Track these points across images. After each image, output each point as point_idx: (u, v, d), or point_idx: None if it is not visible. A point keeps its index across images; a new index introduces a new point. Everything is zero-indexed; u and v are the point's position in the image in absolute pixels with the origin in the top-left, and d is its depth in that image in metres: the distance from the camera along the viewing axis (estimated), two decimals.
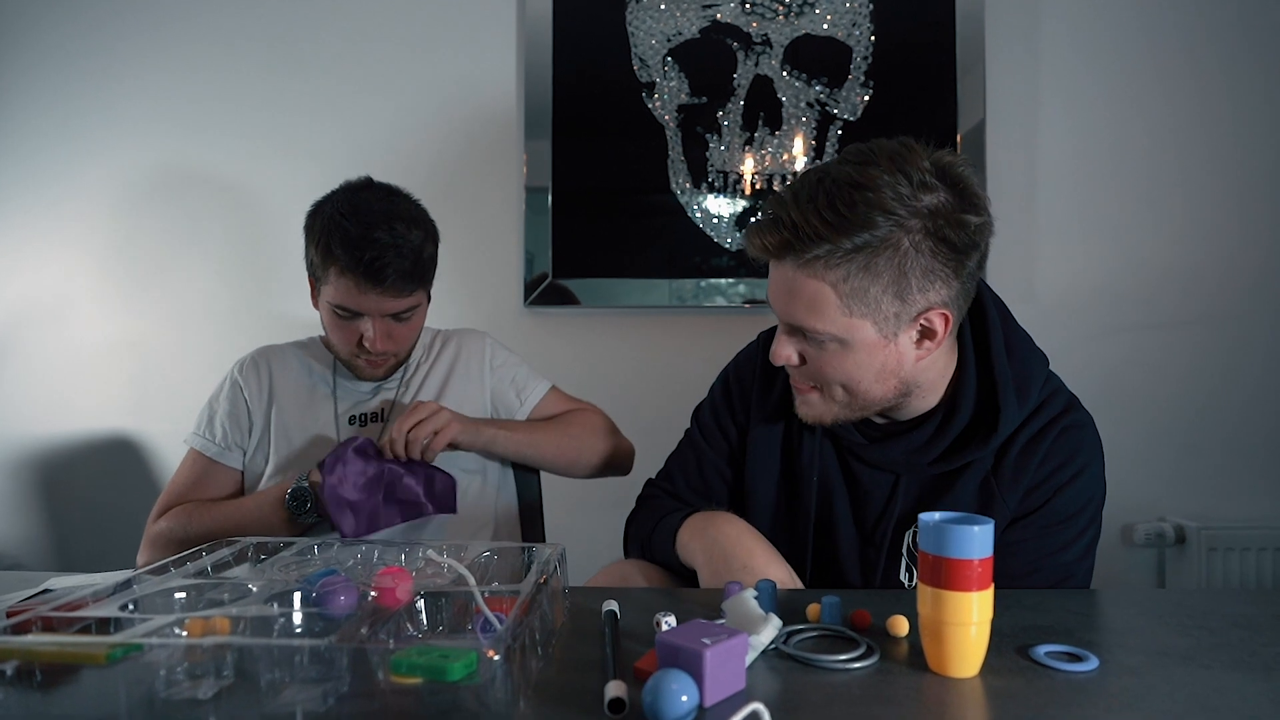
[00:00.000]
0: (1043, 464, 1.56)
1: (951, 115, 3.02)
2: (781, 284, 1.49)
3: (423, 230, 2.06)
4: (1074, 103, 3.08)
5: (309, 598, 1.13)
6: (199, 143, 3.18)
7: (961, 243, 1.42)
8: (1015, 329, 1.65)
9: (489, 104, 3.12)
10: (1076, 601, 1.40)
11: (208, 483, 2.16)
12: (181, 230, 3.18)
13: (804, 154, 3.03)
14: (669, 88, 3.06)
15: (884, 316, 1.46)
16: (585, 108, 3.07)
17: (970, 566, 1.05)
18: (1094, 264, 3.08)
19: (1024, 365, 1.60)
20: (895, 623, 1.21)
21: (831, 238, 1.39)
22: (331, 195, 2.08)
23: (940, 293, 1.46)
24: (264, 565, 1.36)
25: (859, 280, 1.42)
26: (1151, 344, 3.08)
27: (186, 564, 1.28)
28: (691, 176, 3.05)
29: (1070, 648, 1.14)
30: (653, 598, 1.41)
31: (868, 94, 3.04)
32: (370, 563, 1.35)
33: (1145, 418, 3.08)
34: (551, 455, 2.21)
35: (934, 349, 1.52)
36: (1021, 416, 1.57)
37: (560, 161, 3.07)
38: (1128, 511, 3.07)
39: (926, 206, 1.40)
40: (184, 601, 1.15)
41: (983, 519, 1.07)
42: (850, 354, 1.50)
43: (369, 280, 1.96)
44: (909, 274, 1.42)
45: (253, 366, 2.24)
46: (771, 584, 1.29)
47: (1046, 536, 1.55)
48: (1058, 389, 1.63)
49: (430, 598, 1.14)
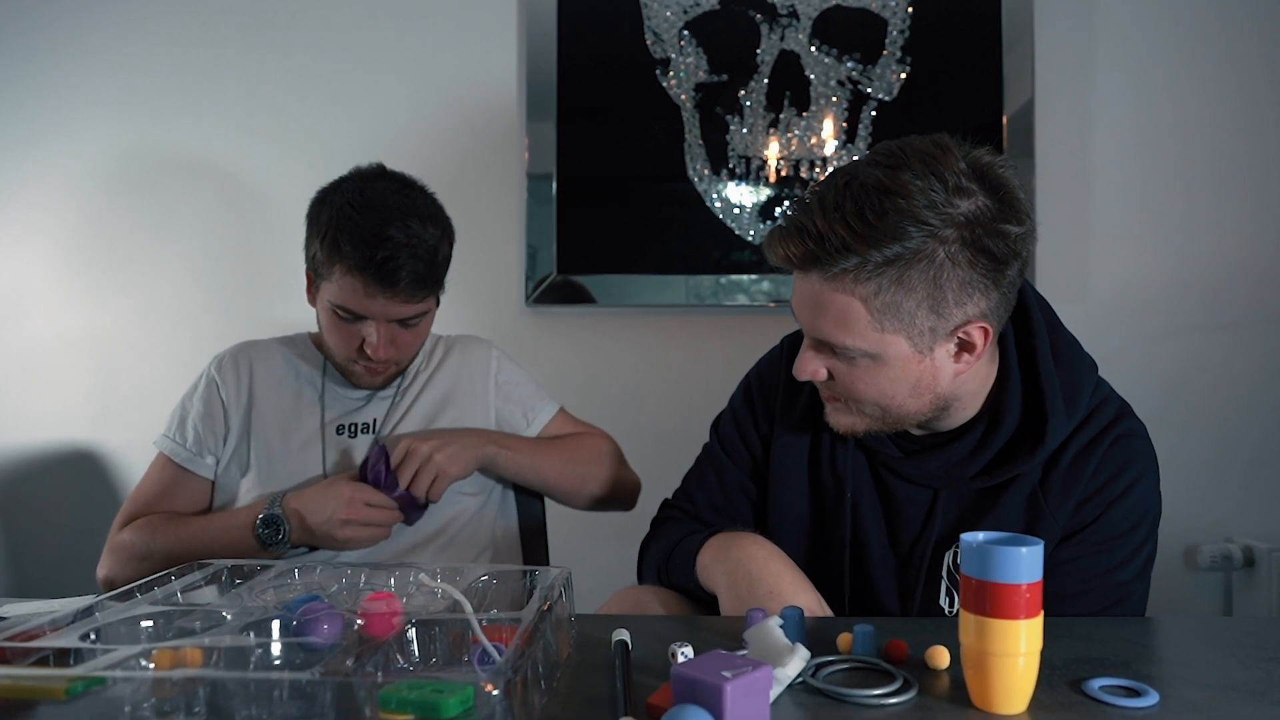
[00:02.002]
0: (1094, 476, 1.56)
1: (996, 95, 3.02)
2: (807, 297, 1.50)
3: (439, 228, 2.05)
4: (1132, 80, 3.07)
5: (289, 626, 1.13)
6: (172, 124, 3.18)
7: (1001, 253, 1.42)
8: (1062, 333, 1.66)
9: (487, 82, 3.12)
10: (1134, 630, 1.39)
11: (176, 491, 2.14)
12: (151, 220, 3.19)
13: (834, 137, 3.03)
14: (686, 64, 3.06)
15: (919, 331, 1.46)
16: (593, 86, 3.07)
17: (1018, 592, 1.05)
18: (1154, 259, 3.07)
19: (1072, 372, 1.60)
20: (935, 654, 1.21)
21: (860, 250, 1.39)
22: (340, 183, 2.06)
23: (979, 305, 1.46)
24: (239, 590, 1.36)
25: (891, 294, 1.42)
26: (1217, 347, 3.06)
27: (154, 589, 1.28)
28: (710, 162, 3.05)
29: (1127, 681, 1.13)
30: (667, 626, 1.41)
31: (904, 71, 3.04)
32: (356, 587, 1.35)
33: (1210, 428, 3.06)
34: (554, 480, 2.20)
35: (974, 362, 1.52)
36: (1071, 426, 1.57)
37: (565, 146, 3.07)
38: (1191, 532, 3.05)
39: (963, 214, 1.40)
40: (151, 630, 1.15)
41: (1031, 539, 1.07)
42: (883, 369, 1.50)
43: (379, 282, 1.95)
44: (945, 286, 1.42)
45: (232, 364, 2.22)
46: (798, 611, 1.28)
47: (1099, 554, 1.55)
48: (1108, 396, 1.64)
49: (423, 626, 1.14)
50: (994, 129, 3.00)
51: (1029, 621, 1.05)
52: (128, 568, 2.03)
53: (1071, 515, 1.56)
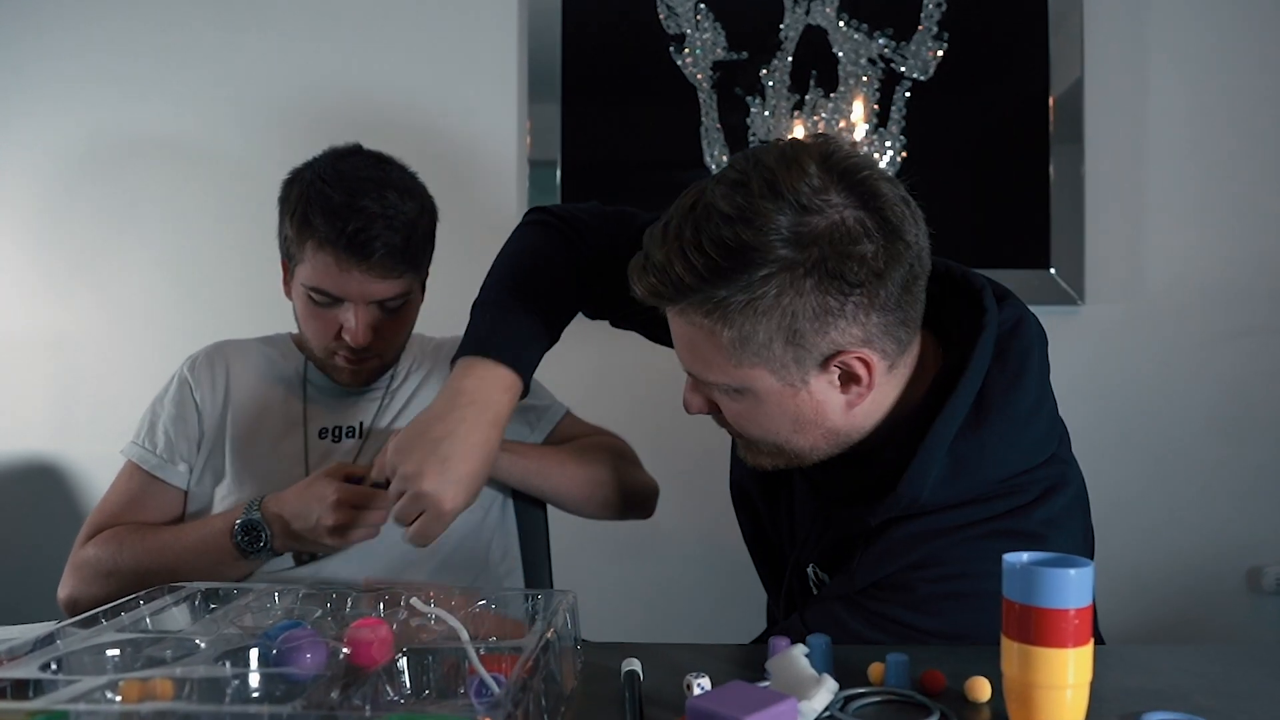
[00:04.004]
0: (918, 566, 1.51)
1: (1042, 74, 3.02)
2: (673, 330, 1.50)
3: (417, 203, 2.06)
4: (1189, 58, 3.07)
5: (268, 655, 1.13)
6: (141, 105, 3.18)
7: (856, 276, 1.36)
8: (1018, 392, 1.52)
9: (483, 59, 3.13)
10: (1194, 659, 1.39)
11: (146, 502, 2.14)
12: (118, 210, 3.19)
13: (864, 120, 3.03)
14: (702, 40, 3.06)
15: (780, 364, 1.43)
16: (601, 65, 3.08)
17: (1065, 618, 1.04)
18: (1211, 253, 3.07)
19: (990, 441, 1.50)
20: (975, 685, 1.21)
21: (701, 286, 1.38)
22: (312, 162, 2.08)
23: (848, 333, 1.40)
24: (214, 615, 1.36)
25: (741, 327, 1.39)
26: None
27: (120, 614, 1.28)
28: (729, 148, 3.05)
29: (1186, 715, 1.13)
30: (682, 656, 1.41)
31: (941, 48, 3.04)
32: (342, 613, 1.35)
33: (1273, 437, 3.05)
34: (566, 487, 2.19)
35: (867, 394, 1.47)
36: (940, 498, 1.49)
37: (571, 130, 3.08)
38: (1255, 552, 3.02)
39: (814, 234, 1.34)
40: (118, 660, 1.15)
41: (1081, 560, 1.06)
42: (757, 404, 1.49)
43: (352, 254, 1.95)
44: (798, 315, 1.37)
45: (207, 364, 2.22)
46: (826, 640, 1.28)
47: (847, 608, 1.54)
48: (1040, 481, 1.53)
49: (414, 655, 1.14)
50: (1039, 111, 3.00)
51: (1078, 650, 1.05)
52: (93, 585, 2.02)
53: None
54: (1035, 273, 3.00)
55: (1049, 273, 2.99)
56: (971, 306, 1.54)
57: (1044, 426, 1.55)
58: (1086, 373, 3.01)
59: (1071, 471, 1.57)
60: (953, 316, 1.56)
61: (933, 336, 1.57)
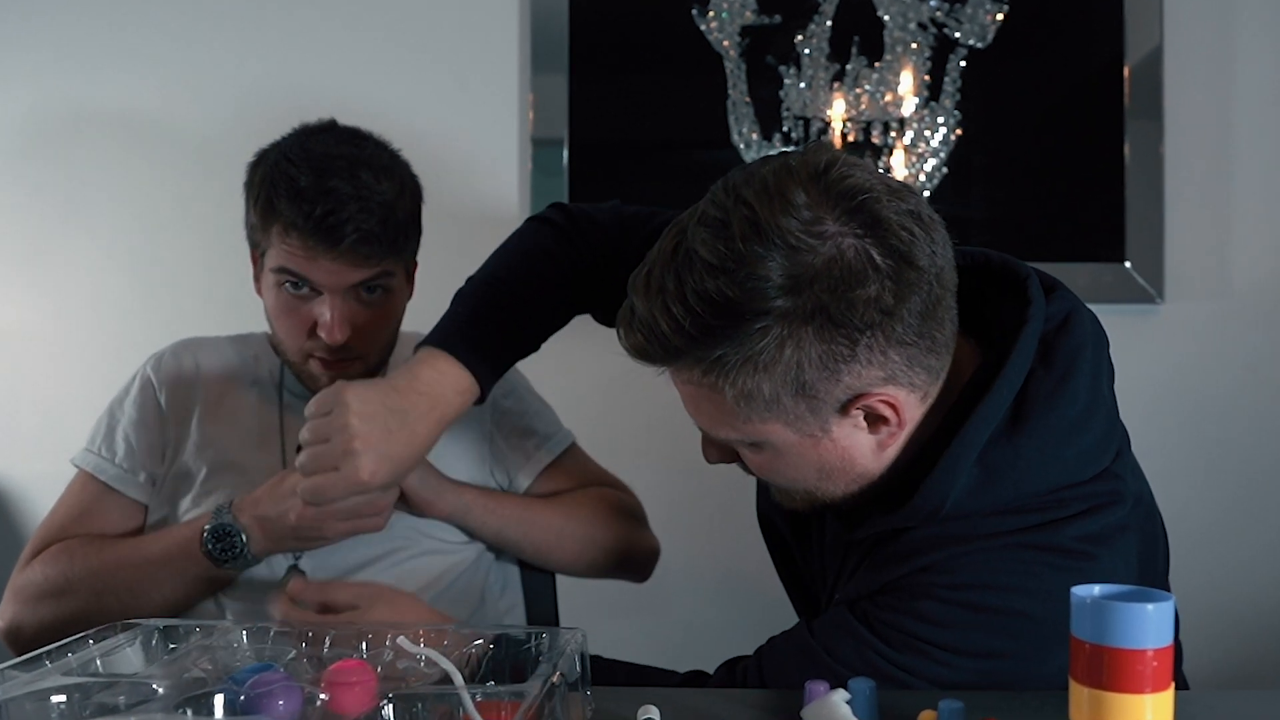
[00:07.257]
0: (925, 571, 1.51)
1: (1116, 41, 3.01)
2: (677, 386, 1.51)
3: (397, 183, 2.05)
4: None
5: (235, 702, 1.13)
6: (93, 76, 3.18)
7: (864, 320, 1.35)
8: (1063, 397, 1.51)
9: (482, 26, 3.13)
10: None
11: (100, 517, 2.12)
12: (65, 197, 3.19)
13: (913, 94, 3.03)
14: (729, 3, 3.05)
15: (793, 415, 1.43)
16: (613, 32, 3.08)
17: (1143, 659, 1.04)
18: None
19: (1027, 451, 1.49)
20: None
21: (690, 348, 1.38)
22: (279, 141, 2.08)
23: (865, 375, 1.40)
24: (174, 656, 1.36)
25: (744, 383, 1.39)
26: None
27: (67, 654, 1.28)
28: (759, 125, 3.05)
29: None
30: (707, 702, 1.41)
31: (1001, 11, 3.02)
32: (319, 654, 1.35)
33: None
34: (548, 544, 2.20)
35: (900, 433, 1.48)
36: (970, 505, 1.49)
37: (579, 105, 3.08)
38: None
39: (805, 275, 1.33)
40: (64, 708, 1.15)
41: (1160, 594, 1.06)
42: (778, 456, 1.50)
43: (320, 240, 1.93)
44: (803, 366, 1.37)
45: (174, 362, 2.22)
46: (870, 684, 1.28)
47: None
48: (1086, 498, 1.51)
49: (402, 702, 1.14)
50: (1112, 83, 3.00)
51: (1156, 696, 1.05)
52: (39, 608, 2.01)
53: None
54: (1108, 267, 2.99)
55: (1123, 267, 2.99)
56: (1014, 299, 1.53)
57: (1094, 438, 1.52)
58: (1165, 381, 2.99)
59: (1127, 489, 1.54)
60: (994, 311, 1.55)
61: (968, 336, 1.56)
